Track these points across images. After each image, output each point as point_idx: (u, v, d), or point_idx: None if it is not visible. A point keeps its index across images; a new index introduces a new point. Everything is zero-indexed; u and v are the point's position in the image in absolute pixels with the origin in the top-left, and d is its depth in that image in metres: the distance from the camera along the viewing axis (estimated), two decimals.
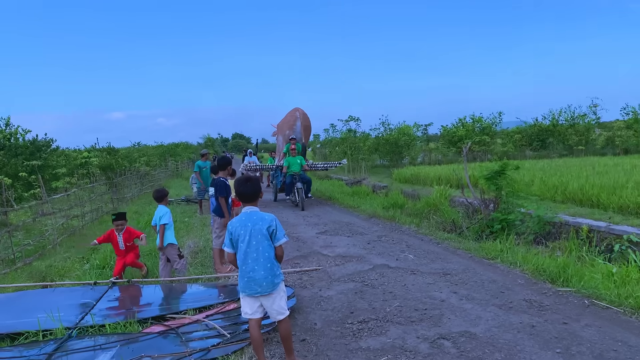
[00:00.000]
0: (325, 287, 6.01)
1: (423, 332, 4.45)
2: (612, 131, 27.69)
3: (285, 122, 16.96)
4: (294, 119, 16.37)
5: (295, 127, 16.19)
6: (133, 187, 20.10)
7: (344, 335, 4.49)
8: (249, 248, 3.69)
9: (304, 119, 16.51)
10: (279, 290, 3.76)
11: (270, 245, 3.72)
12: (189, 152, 49.87)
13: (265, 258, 3.68)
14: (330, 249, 8.20)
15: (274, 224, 3.72)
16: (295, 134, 15.91)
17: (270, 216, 3.76)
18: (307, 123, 16.60)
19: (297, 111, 16.63)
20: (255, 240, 3.68)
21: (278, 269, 3.77)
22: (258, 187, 3.86)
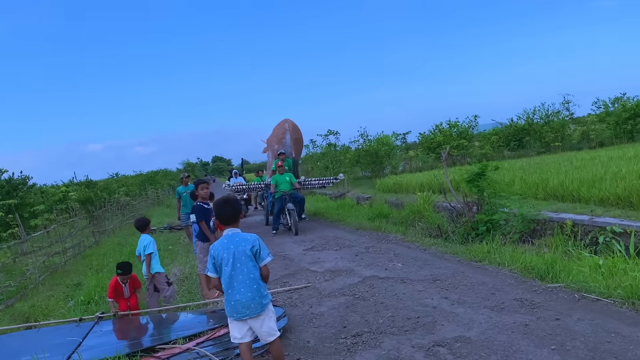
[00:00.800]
0: (316, 304, 5.94)
1: (417, 340, 4.41)
2: (586, 125, 28.20)
3: (274, 135, 15.40)
4: (282, 132, 15.02)
5: (284, 140, 14.81)
6: (114, 218, 19.81)
7: (338, 350, 4.42)
8: (234, 271, 3.61)
9: (294, 131, 15.17)
10: (267, 311, 3.69)
11: (255, 266, 3.65)
12: (169, 178, 49.48)
13: (251, 279, 3.61)
14: (318, 264, 8.13)
15: (257, 244, 3.67)
16: (284, 148, 14.59)
17: (252, 236, 3.70)
18: (297, 136, 15.30)
19: (285, 123, 15.27)
20: (239, 262, 3.61)
21: (265, 290, 3.71)
22: (237, 208, 3.79)
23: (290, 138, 14.80)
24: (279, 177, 12.42)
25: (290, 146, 14.81)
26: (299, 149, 15.32)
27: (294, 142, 14.97)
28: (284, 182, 12.33)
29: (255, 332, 3.73)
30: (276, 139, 14.99)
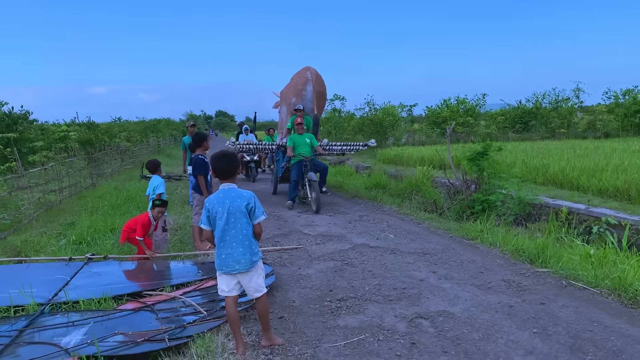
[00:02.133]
0: (304, 266, 5.97)
1: (401, 311, 4.44)
2: (594, 115, 27.93)
3: (291, 86, 12.25)
4: (303, 82, 11.75)
5: (304, 93, 11.67)
6: (113, 162, 19.80)
7: (322, 313, 4.46)
8: (227, 225, 3.61)
9: (317, 82, 11.92)
10: (256, 267, 3.71)
11: (249, 222, 3.66)
12: (171, 128, 49.27)
13: (244, 235, 3.62)
14: (311, 227, 8.15)
15: (252, 201, 3.65)
16: (304, 102, 11.55)
17: (248, 193, 3.67)
18: (321, 89, 12.17)
19: (307, 71, 11.93)
20: (233, 217, 3.60)
21: (256, 247, 3.73)
22: (235, 163, 3.75)
23: (312, 90, 11.65)
24: (297, 137, 10.04)
25: (312, 101, 11.71)
26: (321, 106, 12.17)
27: (317, 95, 11.81)
28: (304, 144, 9.99)
29: (242, 287, 3.75)
30: (294, 91, 11.88)
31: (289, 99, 12.06)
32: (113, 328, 4.13)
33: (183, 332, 4.06)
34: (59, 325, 4.27)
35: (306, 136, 10.13)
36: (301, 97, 11.63)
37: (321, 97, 12.04)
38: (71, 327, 4.23)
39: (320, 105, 12.00)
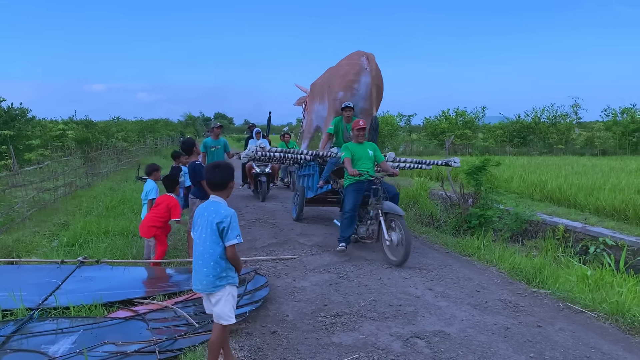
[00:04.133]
0: (299, 277, 5.90)
1: (397, 329, 4.37)
2: (592, 132, 28.05)
3: (336, 76, 9.16)
4: (356, 71, 8.74)
5: (356, 86, 8.71)
6: (109, 162, 19.68)
7: (316, 328, 4.39)
8: (199, 240, 3.43)
9: (377, 73, 8.76)
10: (223, 293, 3.41)
11: (218, 242, 3.35)
12: (169, 129, 49.15)
13: (210, 255, 3.35)
14: (307, 237, 8.07)
15: (227, 221, 3.33)
16: (354, 99, 8.68)
17: (227, 211, 3.38)
18: (379, 82, 8.87)
19: (362, 56, 8.88)
20: (205, 233, 3.39)
21: (224, 271, 3.39)
22: (227, 176, 3.52)
23: (369, 84, 8.65)
24: (356, 147, 7.04)
25: (368, 98, 8.74)
26: (378, 103, 9.00)
27: (376, 90, 8.71)
28: (365, 157, 6.97)
29: None
30: (342, 82, 8.89)
31: (332, 92, 9.09)
32: (103, 337, 4.06)
33: (174, 345, 3.99)
34: (47, 332, 4.19)
35: (368, 146, 7.10)
36: (351, 91, 8.71)
37: (379, 94, 8.83)
38: (60, 334, 4.15)
39: (378, 102, 8.86)
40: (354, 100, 8.65)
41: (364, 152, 7.02)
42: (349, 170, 6.76)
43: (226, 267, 3.39)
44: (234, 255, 3.39)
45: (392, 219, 6.49)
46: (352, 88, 8.76)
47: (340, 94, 8.91)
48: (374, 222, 6.83)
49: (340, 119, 8.56)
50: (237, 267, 3.49)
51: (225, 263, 3.39)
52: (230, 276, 3.43)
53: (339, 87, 8.92)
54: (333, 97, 9.09)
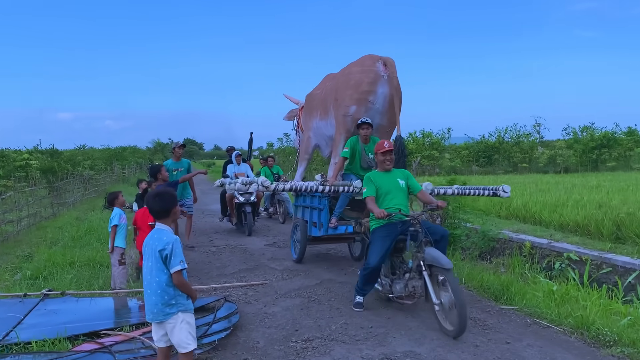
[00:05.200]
0: (270, 303, 5.86)
1: (368, 351, 4.38)
2: (554, 150, 28.89)
3: (342, 85, 7.41)
4: (371, 79, 7.06)
5: (372, 98, 7.10)
6: (75, 191, 19.28)
7: (287, 354, 4.36)
8: (146, 269, 3.40)
9: (396, 82, 7.09)
10: (176, 320, 3.36)
11: (163, 270, 3.32)
12: (137, 156, 48.53)
13: (157, 283, 3.32)
14: (278, 262, 8.04)
15: (169, 248, 3.29)
16: (370, 113, 7.11)
17: (169, 238, 3.35)
18: (400, 93, 7.16)
19: (378, 61, 7.14)
20: (150, 261, 3.36)
21: (173, 299, 3.35)
22: (168, 203, 3.45)
23: (388, 94, 7.08)
24: (381, 178, 5.48)
25: (389, 112, 7.23)
26: (398, 113, 7.19)
27: (397, 98, 7.10)
28: (396, 189, 5.44)
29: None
30: (354, 94, 7.13)
31: (341, 106, 7.29)
32: None
33: None
34: None
35: (398, 175, 5.53)
36: (366, 105, 7.06)
37: (398, 103, 7.10)
38: None
39: (398, 112, 7.13)
40: (369, 115, 7.02)
41: (392, 183, 5.39)
42: (374, 211, 5.10)
43: (175, 294, 3.35)
44: (181, 282, 3.33)
45: (437, 273, 4.80)
46: (367, 101, 7.09)
47: (353, 109, 7.15)
48: (414, 276, 5.11)
49: (356, 139, 6.87)
50: (188, 293, 3.43)
51: (174, 290, 3.34)
52: (180, 303, 3.38)
53: (351, 100, 7.15)
54: (343, 113, 7.28)
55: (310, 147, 9.08)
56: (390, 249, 5.23)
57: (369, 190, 5.35)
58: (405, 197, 5.45)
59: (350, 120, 7.24)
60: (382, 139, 6.45)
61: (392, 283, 5.39)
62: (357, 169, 7.02)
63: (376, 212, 5.06)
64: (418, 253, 4.95)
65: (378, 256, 5.10)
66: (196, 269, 7.63)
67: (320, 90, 8.62)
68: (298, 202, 8.11)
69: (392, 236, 5.18)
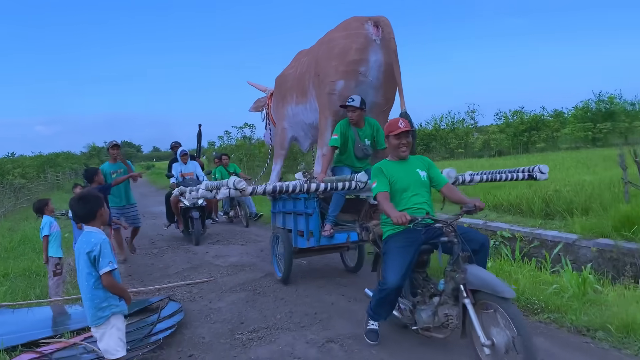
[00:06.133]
0: (215, 299, 5.87)
1: (312, 336, 4.49)
2: (488, 135, 30.07)
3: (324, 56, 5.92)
4: (360, 45, 5.60)
5: (364, 67, 5.65)
6: (6, 201, 18.40)
7: (233, 346, 4.40)
8: (79, 273, 3.32)
9: (393, 45, 5.56)
10: (107, 325, 3.26)
11: (92, 272, 3.22)
12: (71, 162, 46.70)
13: (86, 287, 3.24)
14: (222, 259, 8.03)
15: (96, 249, 3.19)
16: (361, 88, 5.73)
17: (98, 238, 3.24)
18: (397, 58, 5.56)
19: (367, 22, 5.69)
20: (79, 264, 3.29)
21: (104, 301, 3.24)
22: (93, 206, 3.35)
23: (383, 62, 5.70)
24: (396, 168, 4.07)
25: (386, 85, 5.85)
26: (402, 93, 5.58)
27: (397, 66, 5.58)
28: (416, 183, 4.06)
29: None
30: (339, 65, 5.71)
31: (324, 83, 5.82)
32: None
33: None
34: None
35: (417, 163, 4.16)
36: (356, 78, 5.65)
37: (399, 74, 5.56)
38: None
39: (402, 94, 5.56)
40: (360, 91, 5.62)
41: (411, 174, 4.03)
42: (390, 214, 3.63)
43: (105, 296, 3.24)
44: (111, 283, 3.22)
45: (485, 301, 3.43)
46: (357, 73, 5.62)
47: (340, 84, 5.66)
48: (446, 301, 3.71)
49: (346, 122, 5.60)
50: (121, 294, 3.32)
51: (104, 292, 3.23)
52: (113, 305, 3.28)
53: (337, 74, 5.66)
54: (328, 90, 5.77)
55: (286, 141, 7.41)
56: (412, 265, 3.86)
57: (381, 184, 3.92)
58: (428, 193, 4.09)
59: (337, 98, 5.75)
60: (378, 119, 5.83)
61: (413, 308, 3.99)
62: (351, 160, 5.77)
63: (393, 216, 3.56)
64: (455, 273, 3.52)
65: (399, 273, 3.73)
66: (138, 272, 7.51)
67: (294, 69, 6.97)
68: (276, 207, 6.70)
69: (415, 246, 3.82)
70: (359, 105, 5.46)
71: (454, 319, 3.65)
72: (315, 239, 5.65)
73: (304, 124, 6.92)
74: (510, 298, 3.26)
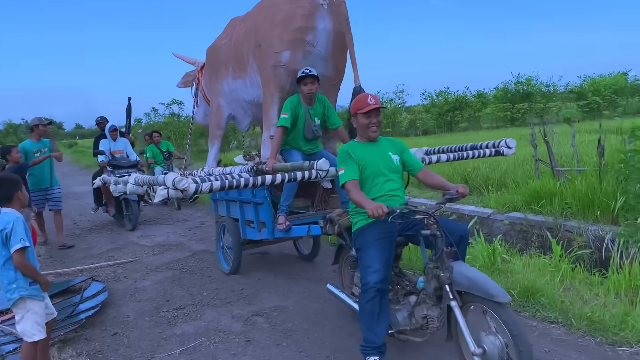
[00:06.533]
0: (140, 278, 5.83)
1: (238, 311, 4.59)
2: (415, 114, 31.02)
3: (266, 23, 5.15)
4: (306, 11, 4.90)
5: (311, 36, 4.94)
6: None
7: (158, 324, 4.43)
8: None
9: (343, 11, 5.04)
10: (20, 307, 3.19)
11: (3, 252, 3.14)
12: None
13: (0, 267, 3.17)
14: (148, 238, 7.93)
15: (9, 227, 3.10)
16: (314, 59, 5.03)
17: (11, 217, 3.15)
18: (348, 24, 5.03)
19: None
20: None
21: (13, 282, 3.14)
22: (9, 189, 3.26)
23: (333, 31, 5.03)
24: (365, 150, 3.51)
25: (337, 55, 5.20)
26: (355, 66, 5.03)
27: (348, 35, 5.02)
28: (388, 167, 3.51)
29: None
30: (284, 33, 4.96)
31: (267, 53, 5.08)
32: None
33: None
34: None
35: (388, 145, 3.63)
36: (303, 48, 4.99)
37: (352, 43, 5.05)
38: None
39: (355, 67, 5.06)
40: (308, 63, 4.99)
41: (382, 158, 3.51)
42: (365, 205, 3.10)
43: (15, 277, 3.15)
44: (22, 263, 3.12)
45: (471, 303, 3.05)
46: (304, 42, 4.96)
47: (286, 55, 4.97)
48: (425, 301, 3.25)
49: (297, 99, 4.91)
50: (34, 276, 3.22)
51: (15, 273, 3.15)
52: (22, 287, 3.16)
53: (281, 43, 4.97)
54: (273, 63, 5.04)
55: (222, 120, 6.52)
56: (392, 260, 3.36)
57: (350, 171, 3.36)
58: (401, 178, 3.62)
59: (283, 71, 5.02)
60: (328, 95, 5.25)
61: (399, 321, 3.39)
62: (299, 142, 5.05)
63: (369, 208, 3.02)
64: (438, 270, 3.03)
65: (381, 269, 3.18)
66: (60, 254, 7.29)
67: (228, 39, 6.18)
68: (216, 194, 6.00)
69: (391, 238, 3.33)
70: (316, 74, 4.79)
71: (435, 320, 3.17)
72: (269, 231, 4.99)
73: (242, 101, 6.13)
74: (506, 302, 2.81)
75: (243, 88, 5.92)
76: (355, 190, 3.28)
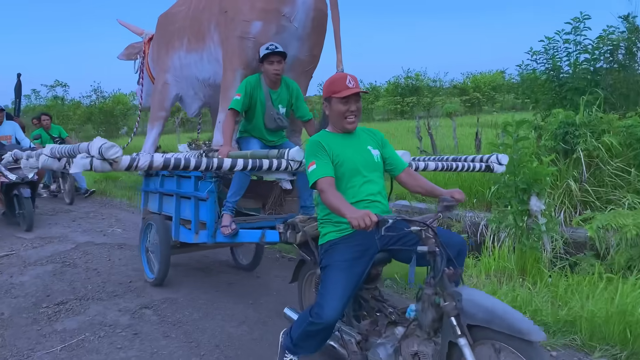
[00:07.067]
0: (17, 273, 5.45)
1: (125, 304, 4.46)
2: (311, 104, 31.49)
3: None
4: None
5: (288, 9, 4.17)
6: None
7: (37, 320, 4.19)
8: None
9: None
10: None
11: None
12: None
13: None
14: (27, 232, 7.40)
15: None
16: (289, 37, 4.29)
17: None
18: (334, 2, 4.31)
19: None
20: None
21: None
22: None
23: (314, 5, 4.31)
24: (340, 143, 2.82)
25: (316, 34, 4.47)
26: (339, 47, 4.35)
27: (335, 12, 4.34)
28: (367, 165, 2.85)
29: None
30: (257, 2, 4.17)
31: (234, 23, 4.30)
32: None
33: None
34: None
35: (366, 138, 2.96)
36: (277, 20, 4.22)
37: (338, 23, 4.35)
38: None
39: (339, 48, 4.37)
40: (280, 40, 4.17)
41: (361, 152, 2.89)
42: (343, 211, 2.45)
43: None
44: None
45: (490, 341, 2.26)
46: (279, 14, 4.21)
47: (257, 26, 4.21)
48: (416, 334, 2.52)
49: (256, 80, 4.15)
50: None
51: None
52: None
53: (253, 12, 4.22)
54: (240, 33, 4.28)
55: (167, 99, 5.54)
56: (362, 281, 2.73)
57: (323, 167, 2.69)
58: (382, 179, 2.97)
59: (251, 45, 4.25)
60: (299, 81, 4.49)
61: (364, 341, 2.81)
62: (260, 131, 4.28)
63: (352, 217, 2.36)
64: (437, 297, 2.34)
65: (341, 302, 2.59)
66: None
67: (186, 5, 5.31)
68: (150, 185, 5.13)
69: (368, 256, 2.72)
70: (284, 52, 4.03)
71: (429, 359, 2.45)
72: (209, 234, 4.06)
73: (195, 80, 5.22)
74: (539, 341, 2.07)
75: (198, 63, 5.04)
76: (332, 192, 2.59)
